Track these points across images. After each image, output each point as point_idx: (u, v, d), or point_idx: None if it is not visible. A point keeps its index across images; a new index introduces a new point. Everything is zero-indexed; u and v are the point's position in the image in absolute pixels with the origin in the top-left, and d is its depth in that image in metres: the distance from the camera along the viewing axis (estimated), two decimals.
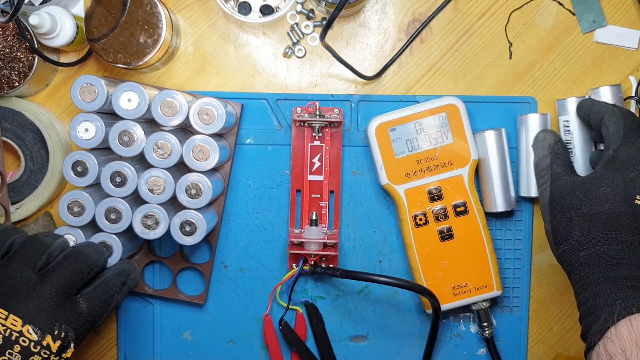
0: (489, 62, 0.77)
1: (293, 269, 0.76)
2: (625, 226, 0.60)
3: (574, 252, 0.62)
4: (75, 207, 0.67)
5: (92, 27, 0.71)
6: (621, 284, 0.57)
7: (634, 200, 0.61)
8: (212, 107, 0.67)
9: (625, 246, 0.59)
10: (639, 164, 0.62)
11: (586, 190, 0.63)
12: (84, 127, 0.66)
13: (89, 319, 0.60)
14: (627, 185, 0.61)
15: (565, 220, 0.63)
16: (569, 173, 0.67)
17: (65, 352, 0.58)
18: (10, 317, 0.57)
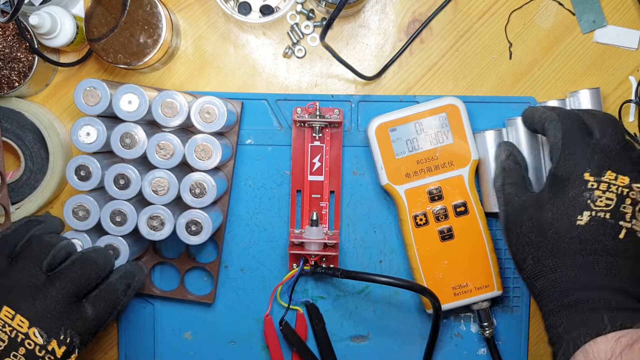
0: (489, 62, 0.77)
1: (293, 269, 0.76)
2: (571, 250, 0.58)
3: (531, 282, 0.61)
4: (80, 212, 0.67)
5: (92, 27, 0.71)
6: (576, 309, 0.56)
7: (576, 221, 0.58)
8: (213, 105, 0.67)
9: (576, 269, 0.57)
10: (576, 181, 0.59)
11: (531, 217, 0.61)
12: (86, 131, 0.66)
13: (94, 324, 0.60)
14: (567, 206, 0.59)
15: (519, 249, 0.62)
16: (519, 193, 0.65)
17: (69, 358, 0.58)
18: (17, 317, 0.56)
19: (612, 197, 0.58)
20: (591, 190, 0.58)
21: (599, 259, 0.57)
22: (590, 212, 0.58)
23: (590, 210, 0.58)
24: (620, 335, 0.52)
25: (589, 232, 0.57)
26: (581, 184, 0.59)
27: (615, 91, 0.77)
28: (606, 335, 0.52)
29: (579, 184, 0.59)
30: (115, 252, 0.68)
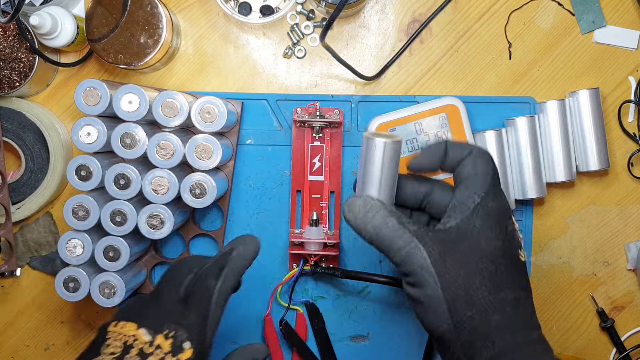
0: (489, 63, 0.77)
1: (293, 269, 0.76)
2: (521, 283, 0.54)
3: (483, 317, 0.52)
4: (80, 211, 0.67)
5: (92, 27, 0.71)
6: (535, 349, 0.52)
7: (519, 256, 0.54)
8: (214, 105, 0.67)
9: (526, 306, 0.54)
10: (510, 220, 0.55)
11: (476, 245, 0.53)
12: (86, 131, 0.66)
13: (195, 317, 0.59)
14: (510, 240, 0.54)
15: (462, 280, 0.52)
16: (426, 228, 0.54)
17: (181, 353, 0.58)
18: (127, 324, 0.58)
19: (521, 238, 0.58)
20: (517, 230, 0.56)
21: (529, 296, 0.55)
22: (522, 251, 0.55)
23: (521, 248, 0.55)
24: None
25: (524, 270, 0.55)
26: (512, 222, 0.55)
27: (615, 91, 0.77)
28: None
29: (512, 221, 0.55)
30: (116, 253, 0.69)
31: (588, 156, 0.75)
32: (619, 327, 0.79)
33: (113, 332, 0.58)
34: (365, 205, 0.54)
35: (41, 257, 0.79)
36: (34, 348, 0.80)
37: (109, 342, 0.58)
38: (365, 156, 0.54)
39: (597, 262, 0.78)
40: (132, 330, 0.58)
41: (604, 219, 0.78)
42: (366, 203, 0.54)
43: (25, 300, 0.80)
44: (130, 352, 0.57)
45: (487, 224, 0.54)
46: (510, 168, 0.75)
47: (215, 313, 0.59)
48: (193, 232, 0.77)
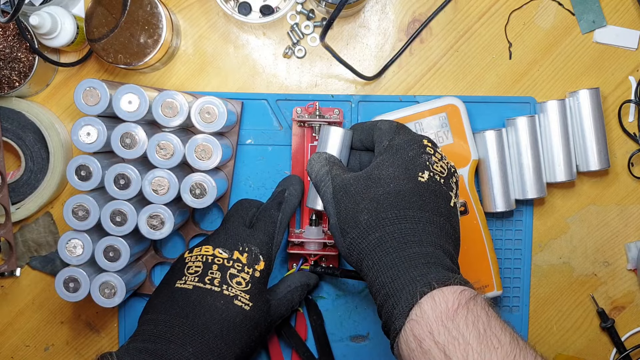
0: (489, 63, 0.77)
1: (293, 269, 0.76)
2: (412, 203, 0.58)
3: (364, 237, 0.58)
4: (80, 212, 0.67)
5: (92, 27, 0.71)
6: (417, 262, 0.54)
7: (417, 177, 0.59)
8: (213, 105, 0.67)
9: (414, 223, 0.57)
10: (415, 144, 0.62)
11: (369, 175, 0.61)
12: (86, 131, 0.66)
13: (263, 237, 0.69)
14: (407, 163, 0.60)
15: (351, 207, 0.60)
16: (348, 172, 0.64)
17: (257, 264, 0.68)
18: (203, 247, 0.69)
19: (445, 167, 0.61)
20: (429, 155, 0.61)
21: (434, 218, 0.58)
22: (429, 172, 0.60)
23: (429, 170, 0.60)
24: (462, 289, 0.52)
25: (428, 190, 0.59)
26: (420, 147, 0.61)
27: (615, 91, 0.77)
28: (452, 287, 0.52)
29: (418, 146, 0.61)
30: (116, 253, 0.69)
31: (588, 156, 0.75)
32: (619, 327, 0.79)
33: (191, 257, 0.69)
34: (316, 158, 0.66)
35: (41, 257, 0.79)
36: (34, 348, 0.80)
37: (189, 264, 0.68)
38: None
39: (598, 262, 0.78)
40: (210, 250, 0.68)
41: (604, 219, 0.78)
42: (318, 156, 0.66)
43: (25, 301, 0.80)
44: (212, 268, 0.67)
45: (386, 158, 0.61)
46: (511, 168, 0.75)
47: (278, 237, 0.70)
48: (193, 232, 0.77)
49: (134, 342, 0.64)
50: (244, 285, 0.66)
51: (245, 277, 0.67)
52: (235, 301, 0.66)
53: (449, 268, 0.55)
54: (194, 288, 0.66)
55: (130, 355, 0.61)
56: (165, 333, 0.63)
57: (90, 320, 0.80)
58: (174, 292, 0.66)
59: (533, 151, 0.74)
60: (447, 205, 0.60)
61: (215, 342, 0.64)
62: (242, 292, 0.66)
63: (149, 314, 0.67)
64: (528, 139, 0.74)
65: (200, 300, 0.65)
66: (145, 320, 0.66)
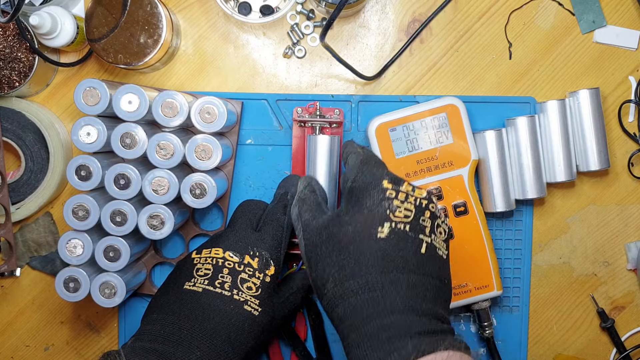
0: (489, 62, 0.77)
1: (292, 269, 0.76)
2: (372, 267, 0.53)
3: (332, 308, 0.55)
4: (80, 212, 0.67)
5: (92, 27, 0.71)
6: (379, 339, 0.50)
7: (377, 234, 0.54)
8: (213, 105, 0.67)
9: (378, 290, 0.52)
10: (374, 189, 0.56)
11: (331, 234, 0.56)
12: (86, 131, 0.66)
13: (272, 241, 0.69)
14: (365, 218, 0.55)
15: (319, 272, 0.56)
16: (317, 215, 0.60)
17: (268, 269, 0.67)
18: (213, 250, 0.68)
19: (411, 208, 0.55)
20: (390, 200, 0.55)
21: (401, 277, 0.53)
22: (390, 223, 0.54)
23: (390, 221, 0.54)
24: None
25: (390, 246, 0.53)
26: (379, 192, 0.56)
27: (615, 91, 0.77)
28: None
29: (377, 192, 0.56)
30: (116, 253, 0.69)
31: (588, 156, 0.75)
32: (619, 327, 0.79)
33: (200, 258, 0.68)
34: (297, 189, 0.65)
35: (41, 257, 0.79)
36: (34, 348, 0.80)
37: (198, 267, 0.67)
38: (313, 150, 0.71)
39: (598, 262, 0.78)
40: (220, 253, 0.67)
41: (604, 219, 0.78)
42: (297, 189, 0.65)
43: (25, 301, 0.80)
44: (223, 272, 0.66)
45: (345, 211, 0.57)
46: (511, 168, 0.75)
47: (285, 241, 0.70)
48: (193, 232, 0.77)
49: (140, 342, 0.63)
50: (254, 291, 0.66)
51: (256, 282, 0.66)
52: (245, 306, 0.65)
53: (419, 332, 0.50)
54: (203, 291, 0.65)
55: (137, 355, 0.61)
56: (173, 335, 0.63)
57: (90, 320, 0.80)
58: (183, 294, 0.66)
59: (533, 151, 0.74)
60: (416, 255, 0.54)
61: (223, 347, 0.63)
62: (252, 298, 0.66)
63: (155, 314, 0.66)
64: (528, 139, 0.74)
65: (210, 304, 0.65)
66: (152, 320, 0.66)
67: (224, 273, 0.66)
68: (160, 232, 0.68)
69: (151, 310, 0.67)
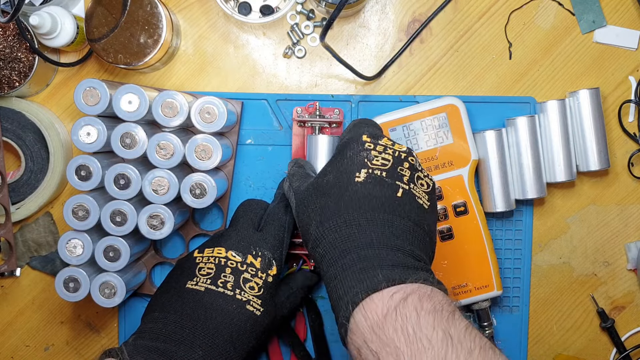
0: (489, 62, 0.77)
1: (293, 268, 0.76)
2: (351, 207, 0.57)
3: (315, 249, 0.59)
4: (80, 212, 0.67)
5: (92, 27, 0.71)
6: (353, 269, 0.54)
7: (354, 179, 0.59)
8: (213, 105, 0.67)
9: (354, 227, 0.56)
10: (354, 142, 0.61)
11: (316, 185, 0.62)
12: (86, 131, 0.66)
13: (274, 241, 0.69)
14: (345, 167, 0.60)
15: (304, 220, 0.61)
16: (306, 181, 0.65)
17: (270, 269, 0.68)
18: (216, 249, 0.68)
19: (389, 158, 0.60)
20: (368, 150, 0.60)
21: (376, 216, 0.57)
22: (367, 169, 0.59)
23: (367, 168, 0.59)
24: (395, 291, 0.51)
25: (366, 189, 0.58)
26: (359, 145, 0.61)
27: (615, 91, 0.77)
28: (381, 292, 0.51)
29: (356, 144, 0.61)
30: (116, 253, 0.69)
31: (588, 156, 0.75)
32: (619, 327, 0.79)
33: (202, 257, 0.68)
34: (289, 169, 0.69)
35: (41, 257, 0.79)
36: (34, 348, 0.80)
37: (200, 266, 0.67)
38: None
39: (598, 262, 0.78)
40: (223, 252, 0.67)
41: (604, 219, 0.78)
42: (288, 171, 0.69)
43: (25, 301, 0.80)
44: (225, 271, 0.66)
45: (329, 163, 0.62)
46: (511, 168, 0.75)
47: (287, 240, 0.70)
48: (193, 232, 0.77)
49: (142, 339, 0.63)
50: (256, 291, 0.66)
51: (259, 282, 0.67)
52: (248, 306, 0.65)
53: (391, 265, 0.53)
54: (206, 290, 0.65)
55: (139, 353, 0.61)
56: (175, 333, 0.63)
57: (90, 320, 0.80)
58: (185, 293, 0.66)
59: (533, 151, 0.74)
60: (392, 198, 0.58)
61: (224, 346, 0.63)
62: (254, 297, 0.66)
63: (157, 312, 0.66)
64: (528, 139, 0.74)
65: (212, 303, 0.65)
66: (153, 318, 0.66)
67: (227, 272, 0.66)
68: (160, 232, 0.68)
69: (152, 308, 0.67)
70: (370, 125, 0.67)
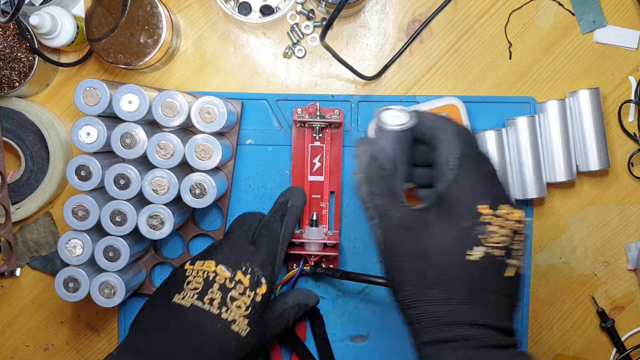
0: (489, 62, 0.77)
1: (293, 269, 0.76)
2: (457, 284, 0.53)
3: (406, 308, 0.55)
4: (80, 212, 0.67)
5: (92, 27, 0.71)
6: (454, 345, 0.52)
7: (466, 255, 0.53)
8: (213, 105, 0.67)
9: (459, 304, 0.53)
10: (470, 212, 0.54)
11: (416, 240, 0.54)
12: (86, 131, 0.66)
13: (266, 256, 0.68)
14: (456, 238, 0.53)
15: (396, 272, 0.55)
16: (393, 207, 0.56)
17: (259, 287, 0.66)
18: (205, 262, 0.67)
19: (506, 233, 0.53)
20: (484, 225, 0.53)
21: (484, 297, 0.53)
22: (482, 248, 0.53)
23: (482, 245, 0.53)
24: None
25: (479, 270, 0.53)
26: (475, 217, 0.53)
27: (615, 91, 0.77)
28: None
29: (472, 216, 0.53)
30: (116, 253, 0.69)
31: (588, 156, 0.75)
32: (619, 327, 0.79)
33: (192, 270, 0.67)
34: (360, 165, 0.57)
35: (41, 257, 0.79)
36: (34, 348, 0.80)
37: (189, 279, 0.66)
38: None
39: (598, 262, 0.78)
40: (212, 266, 0.66)
41: (604, 219, 0.78)
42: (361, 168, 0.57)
43: (25, 301, 0.80)
44: (213, 287, 0.65)
45: (435, 220, 0.54)
46: (511, 168, 0.75)
47: (281, 253, 0.69)
48: (193, 232, 0.77)
49: (125, 352, 0.62)
50: (243, 310, 0.65)
51: (246, 301, 0.65)
52: (233, 326, 0.64)
53: (499, 345, 0.52)
54: (191, 307, 0.64)
55: None
56: (156, 349, 0.62)
57: (90, 320, 0.80)
58: (171, 307, 0.65)
59: (533, 151, 0.74)
60: (502, 278, 0.54)
61: None
62: (241, 317, 0.64)
63: (142, 324, 0.65)
64: (528, 139, 0.73)
65: (196, 321, 0.63)
66: (137, 330, 0.65)
67: (214, 289, 0.65)
68: (160, 232, 0.68)
69: (138, 319, 0.67)
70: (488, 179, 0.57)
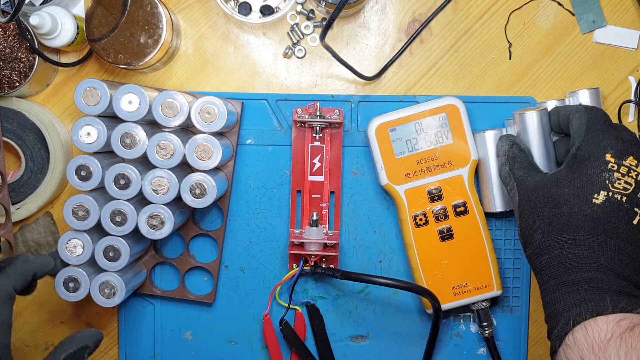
0: (489, 62, 0.77)
1: (293, 269, 0.76)
2: (583, 227, 0.58)
3: (536, 256, 0.61)
4: (80, 212, 0.67)
5: (92, 27, 0.71)
6: (578, 288, 0.56)
7: (592, 199, 0.59)
8: (214, 105, 0.67)
9: (584, 248, 0.58)
10: (596, 161, 0.60)
11: (547, 193, 0.61)
12: (86, 131, 0.66)
13: None
14: (584, 184, 0.59)
15: (529, 223, 0.62)
16: (532, 173, 0.65)
17: None
18: None
19: (631, 181, 0.58)
20: (611, 172, 0.59)
21: (608, 241, 0.57)
22: (607, 192, 0.58)
23: (607, 190, 0.58)
24: (621, 318, 0.53)
25: (603, 212, 0.58)
26: (601, 164, 0.59)
27: (615, 91, 0.77)
28: (607, 316, 0.53)
29: (599, 163, 0.59)
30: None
31: None
32: None
33: None
34: (500, 146, 0.69)
35: None
36: (34, 348, 0.80)
37: None
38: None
39: None
40: None
41: None
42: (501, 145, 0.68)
43: (25, 301, 0.80)
44: None
45: (565, 174, 0.61)
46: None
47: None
48: (193, 232, 0.77)
49: None
50: None
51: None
52: None
53: (618, 291, 0.55)
54: None
55: None
56: None
57: (90, 320, 0.80)
58: None
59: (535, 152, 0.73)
60: (626, 225, 0.58)
61: None
62: None
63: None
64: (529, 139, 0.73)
65: None
66: None
67: None
68: (160, 232, 0.68)
69: None
70: (615, 137, 0.62)
